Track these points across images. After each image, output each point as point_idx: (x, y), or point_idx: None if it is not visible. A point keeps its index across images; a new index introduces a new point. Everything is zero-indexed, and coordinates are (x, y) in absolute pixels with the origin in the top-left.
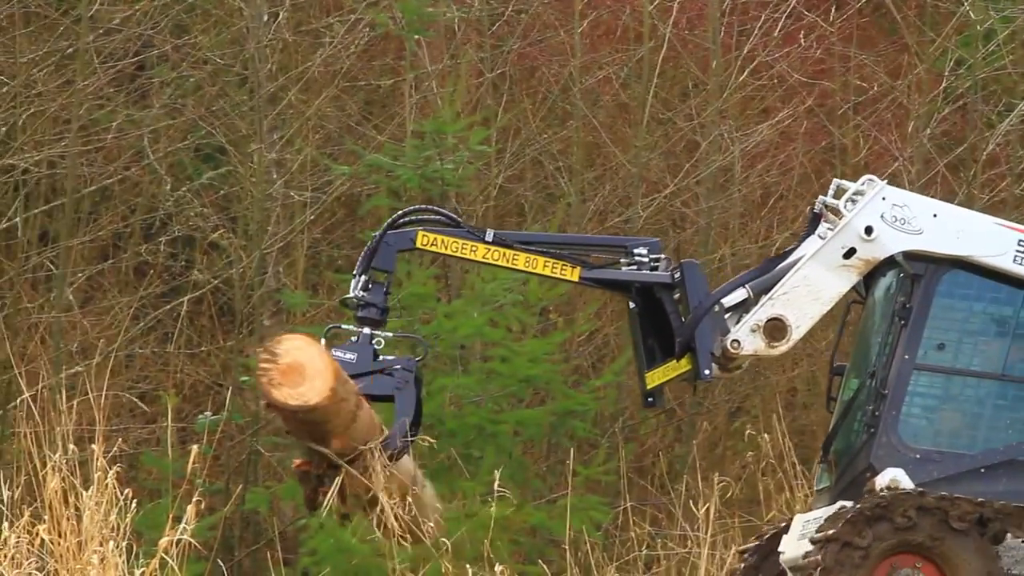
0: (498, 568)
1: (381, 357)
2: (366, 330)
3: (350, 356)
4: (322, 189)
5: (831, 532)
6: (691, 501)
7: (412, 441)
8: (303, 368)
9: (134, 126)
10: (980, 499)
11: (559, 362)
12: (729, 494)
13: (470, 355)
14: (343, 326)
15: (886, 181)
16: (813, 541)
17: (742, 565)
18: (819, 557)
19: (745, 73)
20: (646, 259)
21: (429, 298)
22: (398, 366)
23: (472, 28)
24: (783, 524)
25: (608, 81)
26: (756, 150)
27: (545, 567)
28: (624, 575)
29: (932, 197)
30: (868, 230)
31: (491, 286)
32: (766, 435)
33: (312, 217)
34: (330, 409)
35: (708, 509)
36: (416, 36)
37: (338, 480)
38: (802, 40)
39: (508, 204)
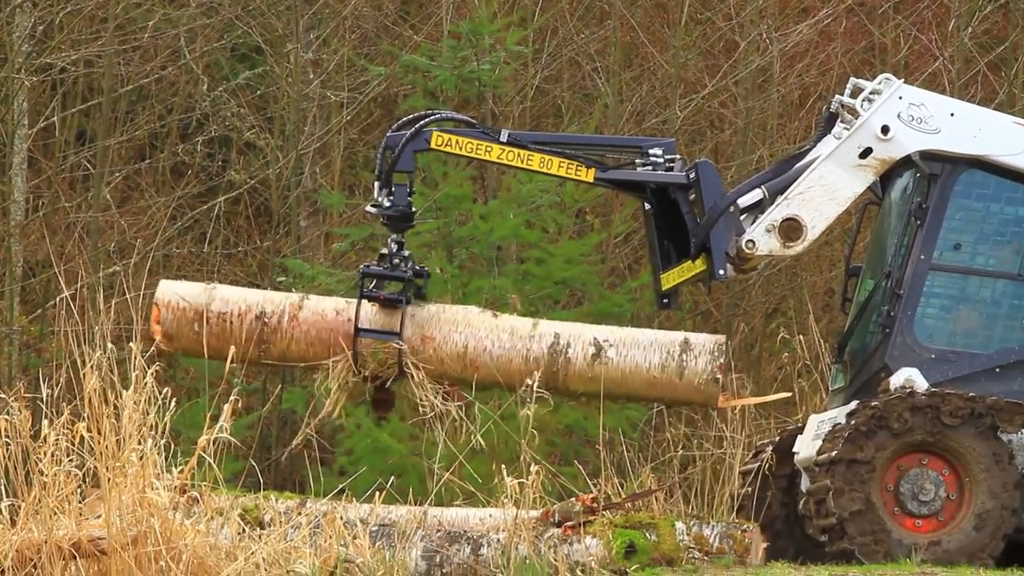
0: (533, 468)
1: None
2: (393, 236)
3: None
4: (358, 89)
5: (834, 454)
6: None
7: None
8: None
9: (170, 25)
10: (971, 394)
11: (595, 263)
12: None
13: (506, 256)
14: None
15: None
16: (817, 464)
17: (756, 465)
18: (828, 481)
19: None
20: (661, 159)
21: (465, 199)
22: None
23: None
24: (799, 425)
25: None
26: (795, 50)
27: (580, 467)
28: (659, 475)
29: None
30: (884, 129)
31: (527, 187)
32: (801, 336)
33: (348, 117)
34: (187, 345)
35: (743, 410)
36: None
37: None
38: None
39: (545, 105)
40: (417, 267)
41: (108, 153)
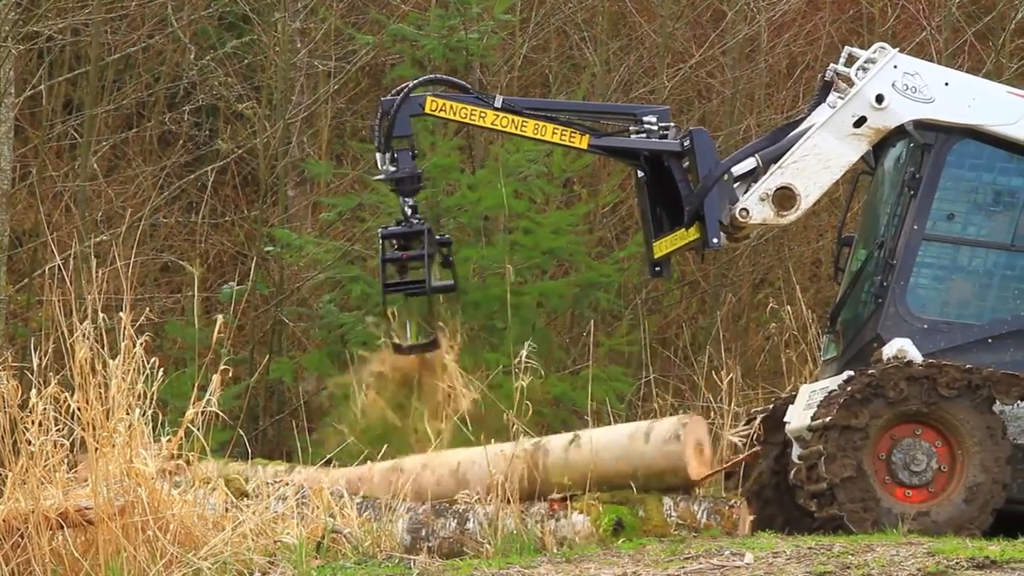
0: (521, 438)
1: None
2: (406, 200)
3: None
4: (346, 59)
5: (828, 420)
6: (714, 372)
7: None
8: None
9: None
10: (968, 366)
11: (583, 233)
12: (756, 365)
13: (493, 226)
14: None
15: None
16: (811, 429)
17: (749, 436)
18: (821, 447)
19: None
20: (655, 127)
21: (453, 169)
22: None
23: None
24: (791, 395)
25: None
26: (783, 19)
27: None
28: None
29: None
30: (879, 98)
31: (515, 157)
32: (789, 307)
33: (336, 87)
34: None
35: (731, 380)
36: None
37: None
38: None
39: (533, 74)
40: (440, 236)
41: (95, 122)
